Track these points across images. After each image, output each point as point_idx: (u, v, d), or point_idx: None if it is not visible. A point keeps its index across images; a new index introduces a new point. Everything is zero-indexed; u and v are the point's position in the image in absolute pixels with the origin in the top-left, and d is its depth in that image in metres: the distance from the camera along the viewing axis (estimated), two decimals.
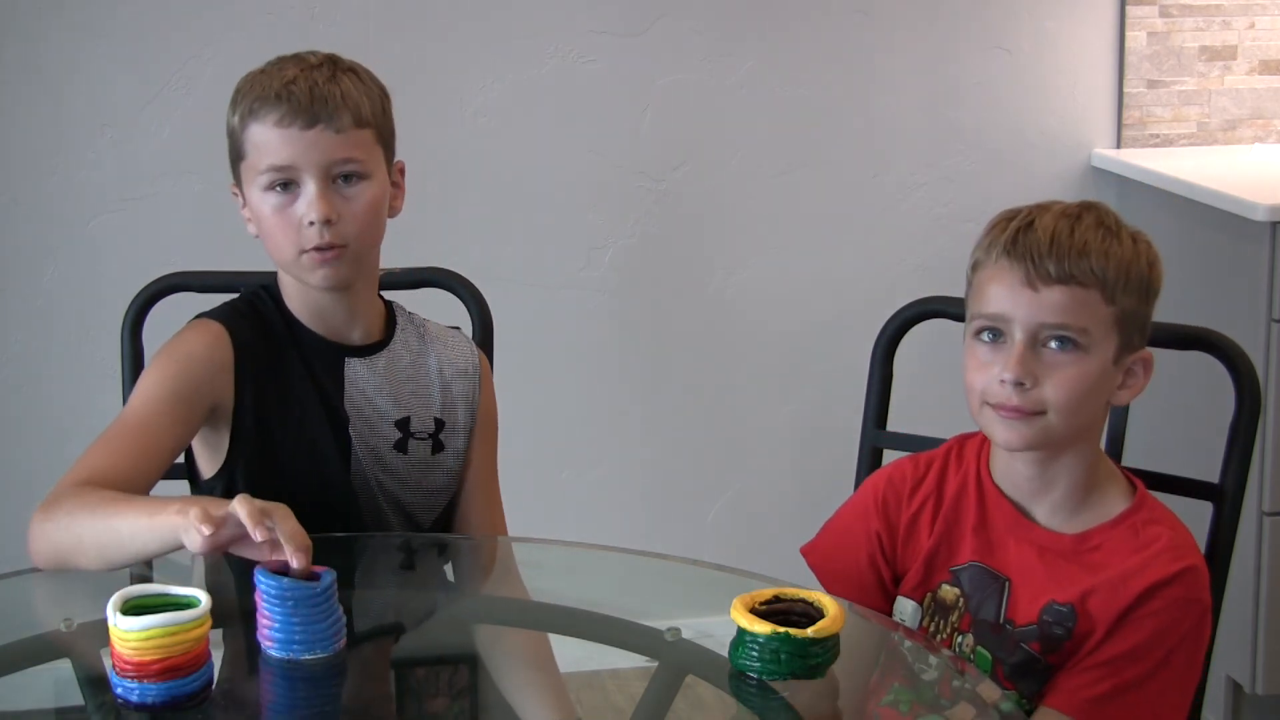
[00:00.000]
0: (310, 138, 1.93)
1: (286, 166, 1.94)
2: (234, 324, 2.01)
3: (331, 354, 2.04)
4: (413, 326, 2.12)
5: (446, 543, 2.11)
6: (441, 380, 2.10)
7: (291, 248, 1.96)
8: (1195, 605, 1.84)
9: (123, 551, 1.74)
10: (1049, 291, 1.81)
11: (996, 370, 1.83)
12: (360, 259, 1.99)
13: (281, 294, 2.05)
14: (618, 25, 3.26)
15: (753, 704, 1.66)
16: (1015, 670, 1.86)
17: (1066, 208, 1.87)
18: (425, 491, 2.09)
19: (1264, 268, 2.94)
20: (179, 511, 1.67)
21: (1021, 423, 1.83)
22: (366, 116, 1.97)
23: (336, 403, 2.03)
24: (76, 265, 3.15)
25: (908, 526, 1.96)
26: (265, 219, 1.97)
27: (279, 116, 1.93)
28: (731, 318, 3.40)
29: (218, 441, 2.00)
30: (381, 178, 2.00)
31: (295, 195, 1.95)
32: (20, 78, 3.08)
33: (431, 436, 2.08)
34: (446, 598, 2.05)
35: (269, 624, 1.64)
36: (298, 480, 2.00)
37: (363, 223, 1.96)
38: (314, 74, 1.96)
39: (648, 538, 3.29)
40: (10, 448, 3.17)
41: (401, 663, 1.86)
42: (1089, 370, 1.83)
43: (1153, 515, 1.89)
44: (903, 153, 3.41)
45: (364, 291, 2.05)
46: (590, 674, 1.89)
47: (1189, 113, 3.46)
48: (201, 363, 1.97)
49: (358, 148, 1.96)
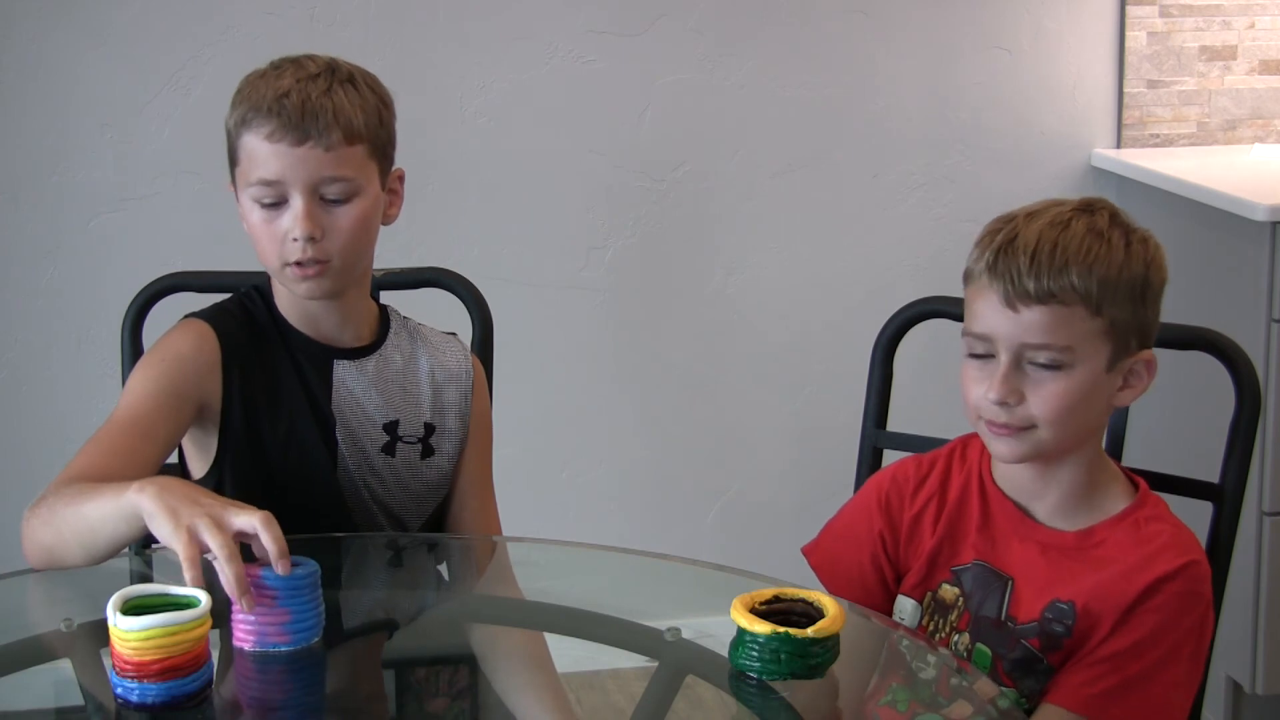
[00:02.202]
0: (299, 154, 1.93)
1: (274, 181, 1.94)
2: (221, 323, 2.02)
3: (321, 355, 2.04)
4: (406, 331, 2.12)
5: (436, 542, 2.11)
6: (433, 385, 2.10)
7: (276, 259, 1.97)
8: (1199, 600, 1.84)
9: (98, 539, 1.73)
10: (1029, 311, 1.80)
11: (986, 387, 1.84)
12: (345, 272, 1.99)
13: (273, 295, 2.06)
14: (618, 25, 3.26)
15: (753, 704, 1.66)
16: (1015, 667, 1.86)
17: (1058, 214, 1.84)
18: (413, 495, 2.09)
19: (1264, 268, 2.94)
20: (138, 489, 1.67)
21: (1013, 439, 1.83)
22: (359, 131, 1.96)
23: (324, 404, 2.03)
24: (77, 265, 3.15)
25: (910, 525, 1.96)
26: (254, 226, 1.98)
27: (270, 130, 1.94)
28: (731, 318, 3.40)
29: (206, 441, 2.01)
30: (373, 191, 1.99)
31: (282, 209, 1.95)
32: (21, 78, 3.08)
33: (421, 441, 2.08)
34: (440, 597, 2.05)
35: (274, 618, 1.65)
36: (285, 480, 2.01)
37: (347, 240, 1.96)
38: (309, 86, 1.95)
39: (648, 538, 3.29)
40: (10, 447, 3.17)
41: (401, 662, 1.86)
42: (1075, 385, 1.82)
43: (1155, 512, 1.89)
44: (903, 153, 3.41)
45: (354, 297, 2.06)
46: (590, 674, 1.89)
47: (1189, 113, 3.46)
48: (189, 361, 1.98)
49: (347, 165, 1.95)
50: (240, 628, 1.67)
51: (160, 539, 1.66)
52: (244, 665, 1.67)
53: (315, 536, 1.96)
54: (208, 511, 1.64)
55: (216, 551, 1.62)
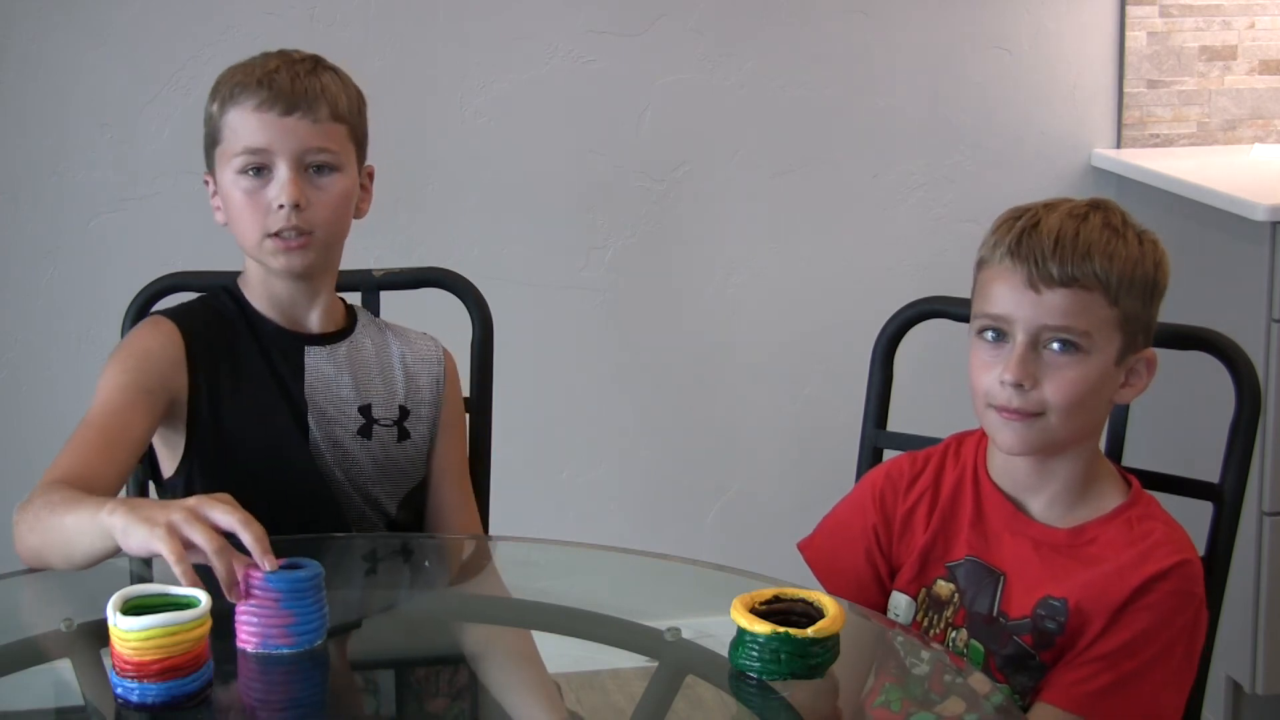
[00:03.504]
0: (288, 124, 1.98)
1: (261, 149, 1.99)
2: (184, 319, 2.05)
3: (291, 342, 2.07)
4: (374, 324, 2.16)
5: (420, 541, 2.11)
6: (405, 369, 2.13)
7: (258, 230, 2.00)
8: (1191, 599, 1.85)
9: (77, 550, 1.73)
10: (1051, 294, 1.82)
11: (998, 371, 1.84)
12: (325, 249, 2.03)
13: (243, 288, 2.08)
14: (618, 25, 3.26)
15: (753, 704, 1.66)
16: (1007, 663, 1.86)
17: (1074, 207, 1.87)
18: (389, 477, 2.10)
19: (1264, 268, 2.94)
20: (109, 511, 1.67)
21: (1022, 426, 1.84)
22: (343, 112, 2.03)
23: (295, 391, 2.05)
24: (77, 265, 3.15)
25: (904, 521, 1.96)
26: (235, 202, 2.01)
27: (258, 102, 1.99)
28: (731, 318, 3.40)
29: (174, 438, 2.03)
30: (352, 174, 2.05)
31: (268, 180, 1.99)
32: (21, 78, 3.08)
33: (396, 424, 2.10)
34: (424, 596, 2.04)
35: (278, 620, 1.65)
36: (257, 469, 2.02)
37: (331, 212, 2.01)
38: (297, 66, 2.02)
39: (648, 538, 3.29)
40: (10, 447, 3.16)
41: (399, 662, 1.86)
42: (1089, 372, 1.83)
43: (1148, 510, 1.89)
44: (903, 153, 3.41)
45: (325, 283, 2.09)
46: (590, 674, 1.89)
47: (1189, 113, 3.46)
48: (155, 356, 2.00)
49: (333, 139, 2.01)
50: (243, 630, 1.66)
51: (138, 550, 1.63)
52: (246, 666, 1.67)
53: (313, 537, 1.96)
54: (183, 506, 1.64)
55: (203, 545, 1.61)
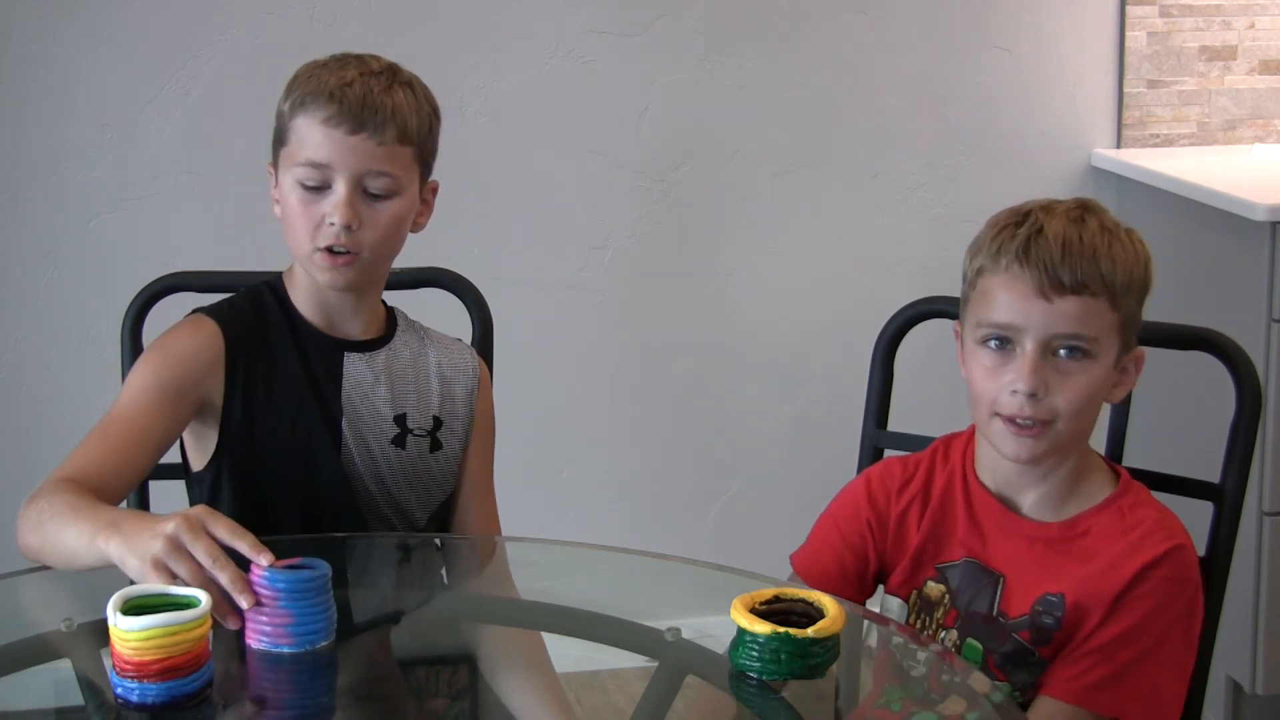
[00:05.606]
0: (352, 143, 1.96)
1: (323, 165, 1.97)
2: (227, 320, 2.03)
3: (331, 348, 2.06)
4: (413, 330, 2.14)
5: (443, 542, 2.11)
6: (441, 379, 2.12)
7: (308, 241, 1.99)
8: (1186, 584, 1.85)
9: (75, 562, 1.74)
10: (1062, 301, 1.81)
11: (1008, 379, 1.83)
12: (371, 268, 2.02)
13: (287, 288, 2.07)
14: (618, 25, 3.26)
15: (753, 704, 1.66)
16: (1006, 660, 1.86)
17: (1068, 210, 1.86)
18: (422, 487, 2.09)
19: (1264, 268, 2.94)
20: (105, 540, 1.68)
21: (1032, 438, 1.83)
22: (411, 134, 2.01)
23: (332, 397, 2.04)
24: (77, 265, 3.15)
25: (897, 522, 1.96)
26: (291, 207, 2.00)
27: (327, 115, 1.96)
28: (731, 318, 3.40)
29: (207, 435, 2.02)
30: (411, 195, 2.03)
31: (324, 194, 1.97)
32: (21, 78, 3.08)
33: (429, 434, 2.09)
34: (441, 597, 2.05)
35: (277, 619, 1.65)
36: (287, 472, 2.02)
37: (381, 235, 1.99)
38: (371, 81, 1.99)
39: (648, 538, 3.29)
40: (10, 447, 3.17)
41: (400, 662, 1.86)
42: (1096, 377, 1.84)
43: (1138, 499, 1.90)
44: (903, 153, 3.41)
45: (370, 294, 2.08)
46: (590, 674, 1.89)
47: (1189, 113, 3.46)
48: (190, 359, 1.99)
49: (395, 163, 1.99)
50: (248, 626, 1.66)
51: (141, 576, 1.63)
52: (251, 664, 1.66)
53: (319, 536, 1.96)
54: (176, 524, 1.64)
55: (203, 559, 1.62)
